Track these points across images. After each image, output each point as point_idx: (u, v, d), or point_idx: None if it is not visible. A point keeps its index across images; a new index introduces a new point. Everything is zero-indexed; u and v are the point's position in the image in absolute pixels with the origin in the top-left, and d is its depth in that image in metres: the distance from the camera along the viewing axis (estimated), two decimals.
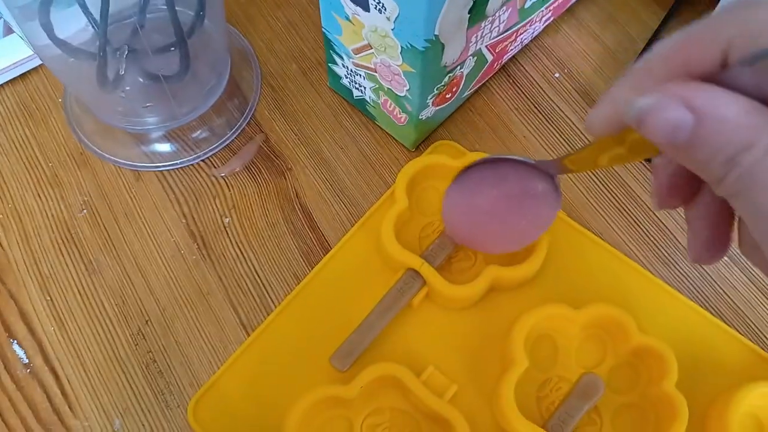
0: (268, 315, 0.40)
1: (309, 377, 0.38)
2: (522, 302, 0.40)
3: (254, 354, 0.39)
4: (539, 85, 0.48)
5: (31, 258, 0.42)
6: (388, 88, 0.41)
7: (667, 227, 0.43)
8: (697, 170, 0.21)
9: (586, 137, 0.46)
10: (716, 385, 0.38)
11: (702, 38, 0.21)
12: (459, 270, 0.42)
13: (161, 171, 0.45)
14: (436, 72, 0.39)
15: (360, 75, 0.42)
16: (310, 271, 0.41)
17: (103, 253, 0.42)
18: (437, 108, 0.43)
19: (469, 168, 0.37)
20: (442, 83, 0.40)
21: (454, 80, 0.41)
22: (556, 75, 0.48)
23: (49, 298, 0.41)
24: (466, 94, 0.45)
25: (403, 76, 0.39)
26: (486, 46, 0.41)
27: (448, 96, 0.42)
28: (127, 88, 0.43)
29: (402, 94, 0.41)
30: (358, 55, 0.41)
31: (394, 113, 0.43)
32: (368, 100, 0.44)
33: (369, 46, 0.39)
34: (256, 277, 0.42)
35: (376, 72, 0.41)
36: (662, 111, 0.20)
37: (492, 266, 0.39)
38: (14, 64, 0.47)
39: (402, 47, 0.37)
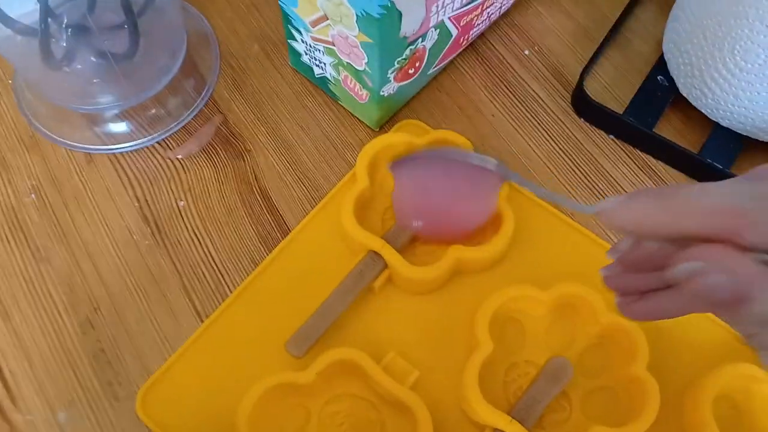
0: (224, 302, 0.38)
1: (265, 365, 0.36)
2: (488, 285, 0.38)
3: (207, 342, 0.37)
4: (509, 63, 0.46)
5: None
6: (347, 63, 0.39)
7: None
8: (728, 320, 0.24)
9: (557, 116, 0.44)
10: (691, 367, 0.37)
11: (757, 222, 0.22)
12: (423, 252, 0.40)
13: (114, 153, 0.43)
14: (395, 43, 0.37)
15: (319, 50, 0.41)
16: (267, 255, 0.39)
17: (51, 239, 0.40)
18: (400, 84, 0.41)
19: (412, 159, 0.36)
20: (403, 56, 0.39)
21: (416, 54, 0.40)
22: (526, 52, 0.47)
23: None
24: (431, 71, 0.43)
25: (361, 48, 0.37)
26: (449, 18, 0.40)
27: (410, 71, 0.41)
28: (78, 66, 0.41)
29: (361, 68, 0.39)
30: (315, 28, 0.39)
31: (355, 90, 0.41)
32: (329, 77, 0.43)
33: (325, 17, 0.37)
34: (212, 263, 0.40)
35: (334, 45, 0.39)
36: (713, 276, 0.23)
37: (455, 247, 0.38)
38: None
39: (357, 15, 0.35)
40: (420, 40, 0.39)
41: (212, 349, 0.37)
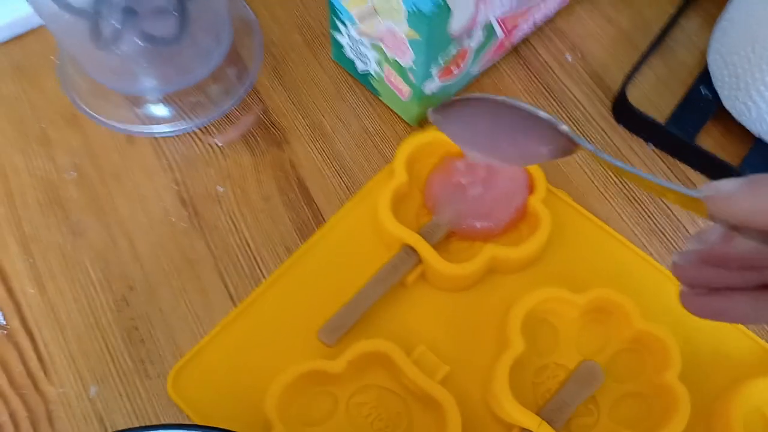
0: (257, 287, 0.38)
1: (295, 352, 0.37)
2: (521, 286, 0.38)
3: (240, 326, 0.38)
4: (551, 68, 0.46)
5: (13, 217, 0.41)
6: (392, 58, 0.40)
7: (676, 217, 0.42)
8: None
9: (596, 122, 0.44)
10: (722, 379, 0.36)
11: None
12: (457, 250, 0.40)
13: (155, 137, 0.43)
14: (442, 40, 0.37)
15: (364, 44, 0.41)
16: (302, 244, 0.40)
17: (89, 215, 0.41)
18: (443, 83, 0.41)
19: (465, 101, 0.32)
20: (449, 54, 0.39)
21: (461, 53, 0.40)
22: (568, 57, 0.47)
23: (30, 260, 0.40)
24: (474, 72, 0.43)
25: (408, 44, 0.37)
26: (496, 19, 0.40)
27: (454, 70, 0.41)
28: (125, 48, 0.41)
29: (406, 65, 0.39)
30: (362, 22, 0.39)
31: (398, 86, 0.41)
32: (372, 72, 0.43)
33: (374, 11, 0.38)
34: (247, 248, 0.40)
35: (380, 40, 0.39)
36: None
37: (491, 245, 0.38)
38: (9, 24, 0.46)
39: (408, 11, 0.35)
40: (466, 38, 0.39)
41: (244, 333, 0.37)
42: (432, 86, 0.40)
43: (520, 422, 0.34)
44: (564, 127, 0.29)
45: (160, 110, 0.43)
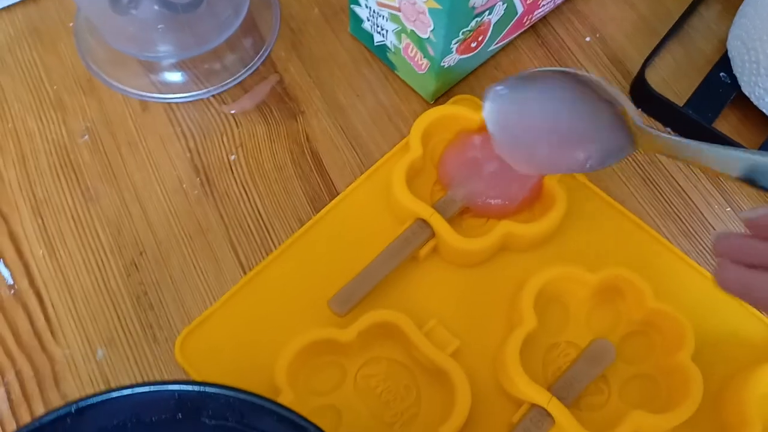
0: (268, 256, 0.38)
1: (305, 321, 0.36)
2: (534, 264, 0.38)
3: (250, 293, 0.37)
4: (569, 48, 0.46)
5: (26, 180, 0.40)
6: (411, 30, 0.39)
7: (692, 200, 0.41)
8: None
9: None
10: (734, 363, 0.36)
11: None
12: (471, 226, 0.39)
13: (169, 103, 0.43)
14: (463, 13, 0.37)
15: (383, 16, 0.41)
16: (315, 215, 0.39)
17: (102, 181, 0.41)
18: (461, 57, 0.41)
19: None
20: (469, 27, 0.38)
21: (481, 27, 0.39)
22: (587, 39, 0.46)
23: (41, 222, 0.39)
24: (492, 48, 0.43)
25: (428, 15, 0.37)
26: None
27: (473, 45, 0.41)
28: (143, 12, 0.41)
29: (425, 36, 0.39)
30: None
31: (415, 59, 0.41)
32: (389, 45, 0.42)
33: None
34: (259, 217, 0.40)
35: (399, 11, 0.39)
36: None
37: (504, 222, 0.38)
38: None
39: None
40: (487, 12, 0.39)
41: (254, 300, 0.37)
42: (450, 60, 0.40)
43: (531, 398, 0.34)
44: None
45: (175, 77, 0.43)
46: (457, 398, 0.34)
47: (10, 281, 0.38)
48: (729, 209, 0.41)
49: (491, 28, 0.41)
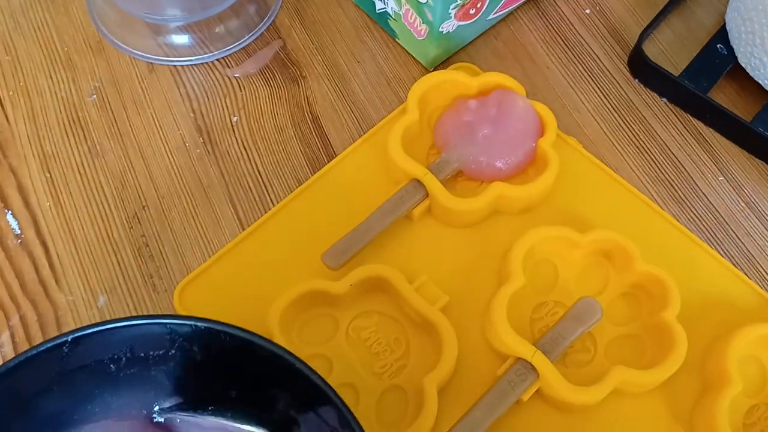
0: (266, 213, 0.39)
1: (300, 274, 0.37)
2: (525, 226, 0.38)
3: (247, 247, 0.38)
4: (568, 19, 0.46)
5: (35, 135, 0.42)
6: None
7: (686, 169, 0.42)
8: None
9: (612, 74, 0.45)
10: (718, 324, 0.36)
11: None
12: (464, 189, 0.40)
13: (175, 66, 0.44)
14: None
15: None
16: (313, 176, 0.40)
17: (107, 137, 0.42)
18: (460, 23, 0.42)
19: None
20: None
21: None
22: (587, 11, 0.47)
23: (48, 175, 0.41)
24: (491, 17, 0.44)
25: None
26: None
27: (471, 12, 0.41)
28: None
29: (424, 1, 0.39)
30: None
31: (415, 25, 0.42)
32: (390, 12, 0.43)
33: None
34: (258, 176, 0.41)
35: None
36: None
37: (497, 183, 0.38)
38: None
39: None
40: None
41: (251, 254, 0.38)
42: (449, 26, 0.41)
43: (516, 351, 0.34)
44: None
45: (181, 40, 0.44)
46: (443, 350, 0.34)
47: (18, 231, 0.39)
48: (722, 178, 0.42)
49: None
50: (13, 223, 0.39)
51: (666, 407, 0.35)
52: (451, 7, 0.39)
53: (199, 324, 0.28)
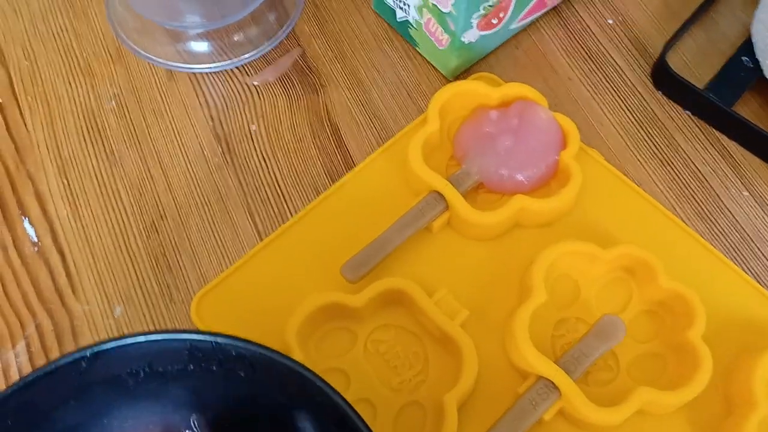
0: (284, 223, 0.39)
1: (318, 286, 0.37)
2: (547, 240, 0.38)
3: (265, 258, 0.38)
4: (591, 30, 0.46)
5: (53, 141, 0.42)
6: (432, 4, 0.40)
7: (710, 184, 0.41)
8: None
9: (634, 86, 0.44)
10: (745, 345, 0.36)
11: None
12: (485, 201, 0.40)
13: (194, 73, 0.44)
14: None
15: None
16: (331, 186, 0.40)
17: (126, 145, 0.42)
18: (482, 33, 0.41)
19: None
20: (490, 3, 0.39)
21: (503, 2, 0.40)
22: (610, 21, 0.46)
23: (66, 182, 0.41)
24: (513, 26, 0.43)
25: None
26: None
27: (494, 21, 0.41)
28: None
29: (447, 10, 0.39)
30: None
31: (436, 34, 0.41)
32: (411, 21, 0.43)
33: None
34: (277, 186, 0.41)
35: None
36: None
37: (519, 196, 0.38)
38: None
39: None
40: None
41: (269, 265, 0.38)
42: (470, 36, 0.40)
43: (538, 370, 0.34)
44: None
45: (200, 47, 0.44)
46: (464, 367, 0.34)
47: (35, 239, 0.39)
48: (746, 193, 0.41)
49: (512, 5, 0.41)
50: (30, 231, 0.39)
51: (690, 429, 0.34)
52: (474, 16, 0.39)
53: (219, 340, 0.28)
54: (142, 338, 0.28)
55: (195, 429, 0.31)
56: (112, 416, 0.30)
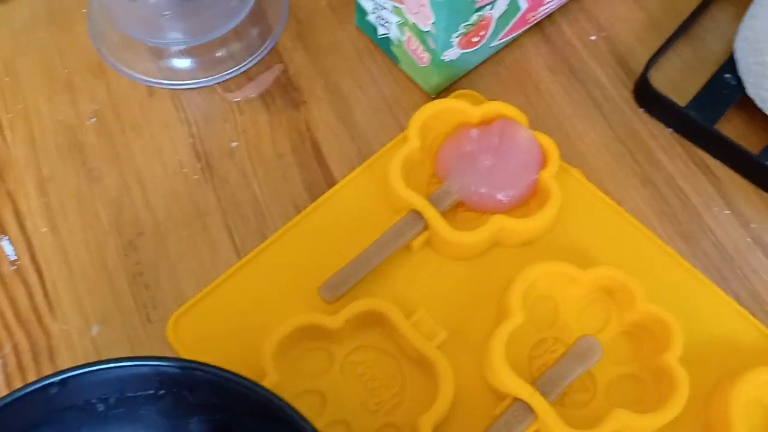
0: (264, 242, 0.39)
1: (296, 307, 0.37)
2: (526, 260, 0.37)
3: (244, 277, 0.38)
4: (574, 46, 0.46)
5: (33, 159, 0.42)
6: (413, 23, 0.40)
7: (692, 203, 0.41)
8: None
9: (617, 103, 0.44)
10: (723, 367, 0.36)
11: None
12: (464, 220, 0.40)
13: (175, 89, 0.44)
14: (463, 6, 0.37)
15: (387, 9, 0.41)
16: (312, 203, 0.40)
17: (106, 162, 0.42)
18: (462, 51, 0.41)
19: None
20: (470, 21, 0.39)
21: (483, 21, 0.39)
22: (593, 38, 0.46)
23: (45, 200, 0.40)
24: (495, 44, 0.43)
25: (429, 7, 0.37)
26: None
27: (474, 39, 0.41)
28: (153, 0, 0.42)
29: (426, 29, 0.39)
30: None
31: (417, 52, 0.41)
32: (392, 38, 0.43)
33: None
34: (257, 204, 0.41)
35: (402, 3, 0.39)
36: None
37: (498, 216, 0.38)
38: None
39: None
40: (488, 7, 0.39)
41: (247, 285, 0.38)
42: (451, 54, 0.40)
43: (513, 391, 0.34)
44: None
45: (182, 63, 0.44)
46: (440, 390, 0.34)
47: (13, 257, 0.39)
48: (728, 212, 0.41)
49: (494, 24, 0.41)
50: (9, 250, 0.39)
51: None
52: (454, 36, 0.39)
53: (187, 365, 0.28)
54: (110, 365, 0.28)
55: None
56: None
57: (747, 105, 0.42)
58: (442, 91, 0.44)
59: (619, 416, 0.33)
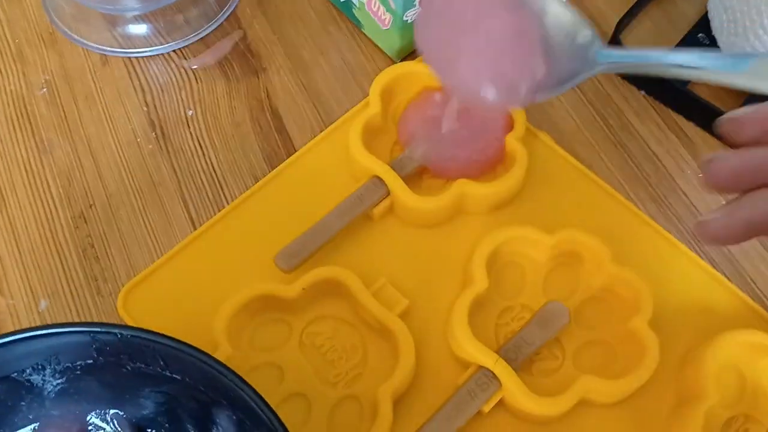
0: (219, 212, 0.37)
1: (252, 278, 0.35)
2: (491, 226, 0.36)
3: (198, 249, 0.36)
4: None
5: None
6: None
7: (664, 165, 0.40)
8: None
9: None
10: (697, 331, 0.34)
11: None
12: (428, 187, 0.38)
13: (130, 57, 0.42)
14: None
15: None
16: (270, 172, 0.38)
17: (56, 133, 0.40)
18: None
19: None
20: None
21: None
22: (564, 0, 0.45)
23: None
24: None
25: None
26: None
27: None
28: None
29: None
30: None
31: (378, 14, 0.40)
32: (354, 1, 0.41)
33: None
34: (213, 173, 0.39)
35: None
36: None
37: (462, 181, 0.36)
38: None
39: None
40: None
41: (201, 256, 0.36)
42: (413, 14, 0.39)
43: (477, 359, 0.32)
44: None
45: (137, 29, 0.42)
46: (400, 359, 0.32)
47: None
48: (702, 175, 0.39)
49: None
50: None
51: (637, 419, 0.33)
52: None
53: (124, 332, 0.26)
54: (39, 332, 0.26)
55: (113, 426, 0.30)
56: (23, 414, 0.29)
57: None
58: (407, 56, 0.42)
59: (585, 382, 0.32)
